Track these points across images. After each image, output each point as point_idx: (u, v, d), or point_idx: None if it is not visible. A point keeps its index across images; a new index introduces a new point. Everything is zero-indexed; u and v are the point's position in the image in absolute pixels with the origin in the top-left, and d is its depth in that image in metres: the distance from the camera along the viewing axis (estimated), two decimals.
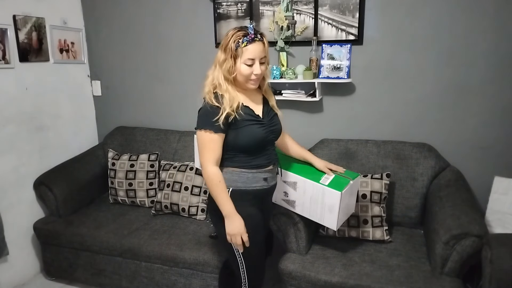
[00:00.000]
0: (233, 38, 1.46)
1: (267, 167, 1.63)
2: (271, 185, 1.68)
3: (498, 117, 2.19)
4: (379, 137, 2.40)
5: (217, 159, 1.52)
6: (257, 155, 1.59)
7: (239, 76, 1.51)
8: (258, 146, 1.57)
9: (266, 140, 1.60)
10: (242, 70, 1.49)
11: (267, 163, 1.62)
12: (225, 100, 1.48)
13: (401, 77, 2.33)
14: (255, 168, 1.59)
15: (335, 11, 2.34)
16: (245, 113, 1.54)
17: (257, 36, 1.47)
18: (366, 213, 2.07)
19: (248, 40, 1.45)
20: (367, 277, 1.76)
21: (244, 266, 1.61)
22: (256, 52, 1.47)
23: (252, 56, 1.47)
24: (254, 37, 1.46)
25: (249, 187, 1.58)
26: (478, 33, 2.14)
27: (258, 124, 1.57)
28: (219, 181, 1.52)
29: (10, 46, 2.34)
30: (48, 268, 2.51)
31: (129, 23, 2.85)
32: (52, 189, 2.44)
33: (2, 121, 2.34)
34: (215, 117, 1.46)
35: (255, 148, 1.57)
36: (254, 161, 1.58)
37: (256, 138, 1.55)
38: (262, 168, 1.61)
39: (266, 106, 1.66)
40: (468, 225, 1.67)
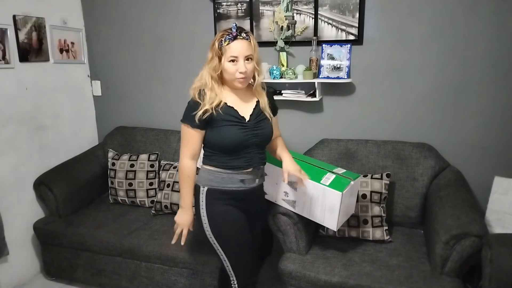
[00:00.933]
0: (218, 37, 1.51)
1: (245, 169, 1.60)
2: (251, 187, 1.64)
3: (498, 117, 2.19)
4: (379, 137, 2.40)
5: (193, 153, 1.58)
6: (235, 157, 1.58)
7: (225, 74, 1.54)
8: (236, 147, 1.56)
9: (246, 143, 1.57)
10: (226, 68, 1.51)
11: (246, 165, 1.60)
12: (206, 97, 1.52)
13: (401, 77, 2.33)
14: (231, 169, 1.58)
15: (335, 11, 2.34)
16: (226, 113, 1.54)
17: (240, 34, 1.50)
18: (366, 213, 2.07)
19: (230, 38, 1.49)
20: (367, 277, 1.76)
21: (229, 264, 1.61)
22: (239, 49, 1.49)
23: (235, 54, 1.49)
24: (236, 35, 1.49)
25: (224, 187, 1.59)
26: (478, 33, 2.14)
27: (238, 125, 1.56)
28: (188, 176, 1.58)
29: (10, 46, 2.34)
30: (48, 268, 2.51)
31: (129, 23, 2.85)
32: (52, 189, 2.44)
33: (2, 121, 2.34)
34: (193, 112, 1.52)
35: (232, 149, 1.56)
36: (232, 162, 1.58)
37: (233, 139, 1.54)
38: (240, 170, 1.59)
39: (258, 108, 1.64)
40: (468, 225, 1.67)
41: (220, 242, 1.60)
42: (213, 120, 1.54)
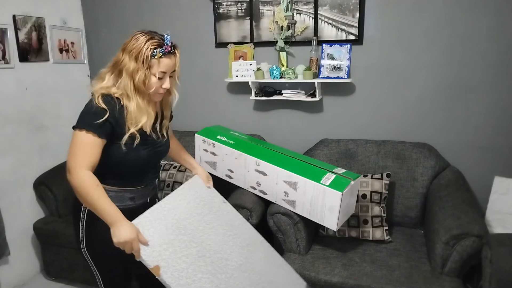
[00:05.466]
0: (147, 46, 1.30)
1: (137, 187, 1.48)
2: (138, 204, 1.49)
3: (498, 117, 2.19)
4: (379, 137, 2.40)
5: (92, 165, 1.29)
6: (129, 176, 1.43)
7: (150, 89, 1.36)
8: (135, 169, 1.42)
9: (146, 163, 1.45)
10: (154, 83, 1.34)
11: (138, 183, 1.48)
12: (130, 116, 1.33)
13: (401, 77, 2.33)
14: (120, 186, 1.42)
15: (335, 11, 2.34)
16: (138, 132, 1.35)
17: (171, 49, 1.35)
18: (366, 213, 2.07)
19: (164, 52, 1.32)
20: (367, 277, 1.76)
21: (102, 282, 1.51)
22: (168, 65, 1.35)
23: (165, 70, 1.35)
24: (170, 50, 1.34)
25: None
26: (478, 33, 2.14)
27: (143, 145, 1.39)
28: (97, 184, 1.27)
29: (10, 46, 2.34)
30: (48, 268, 2.51)
31: (129, 23, 2.85)
32: (52, 189, 2.45)
33: (2, 121, 2.34)
34: (99, 119, 1.28)
35: (129, 171, 1.41)
36: (124, 179, 1.42)
37: (136, 161, 1.39)
38: (130, 188, 1.45)
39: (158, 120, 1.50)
40: (468, 225, 1.67)
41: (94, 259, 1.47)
42: (115, 133, 1.33)
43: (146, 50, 1.29)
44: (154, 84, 1.35)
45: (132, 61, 1.31)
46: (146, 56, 1.30)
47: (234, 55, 2.59)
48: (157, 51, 1.31)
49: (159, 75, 1.34)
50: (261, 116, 2.68)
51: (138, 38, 1.32)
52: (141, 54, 1.30)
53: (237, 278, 1.39)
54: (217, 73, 2.69)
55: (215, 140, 2.14)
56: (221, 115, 2.76)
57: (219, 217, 1.61)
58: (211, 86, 2.74)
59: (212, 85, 2.73)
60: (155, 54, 1.31)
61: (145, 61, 1.30)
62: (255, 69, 2.44)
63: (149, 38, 1.31)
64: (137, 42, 1.31)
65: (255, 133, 2.65)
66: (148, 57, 1.30)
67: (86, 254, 1.48)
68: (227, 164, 2.11)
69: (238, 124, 2.71)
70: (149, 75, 1.32)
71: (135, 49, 1.31)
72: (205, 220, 1.53)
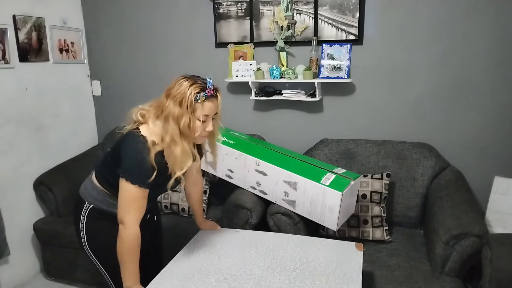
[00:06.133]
0: (190, 90, 1.31)
1: None
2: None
3: (498, 117, 2.19)
4: (379, 137, 2.40)
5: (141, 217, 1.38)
6: None
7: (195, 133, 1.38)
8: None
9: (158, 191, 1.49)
10: (196, 126, 1.36)
11: None
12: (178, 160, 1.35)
13: (401, 77, 2.33)
14: None
15: (335, 11, 2.34)
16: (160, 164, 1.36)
17: (214, 92, 1.36)
18: (366, 213, 2.07)
19: (206, 96, 1.33)
20: (367, 277, 1.76)
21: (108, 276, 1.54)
22: (212, 108, 1.36)
23: (208, 113, 1.36)
24: (212, 93, 1.35)
25: (109, 210, 1.46)
26: (478, 33, 2.14)
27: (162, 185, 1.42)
28: (138, 246, 1.36)
29: (10, 46, 2.34)
30: (48, 268, 2.51)
31: (129, 23, 2.85)
32: (52, 189, 2.44)
33: (2, 121, 2.34)
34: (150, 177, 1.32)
35: None
36: None
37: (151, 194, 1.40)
38: None
39: None
40: (468, 225, 1.67)
41: (98, 257, 1.52)
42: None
43: (190, 95, 1.31)
44: (198, 128, 1.36)
45: (177, 107, 1.32)
46: (190, 101, 1.31)
47: (234, 55, 2.59)
48: (200, 95, 1.32)
49: (202, 118, 1.35)
50: (261, 116, 2.68)
51: (181, 84, 1.33)
52: (185, 99, 1.31)
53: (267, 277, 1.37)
54: (217, 73, 2.68)
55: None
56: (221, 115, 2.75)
57: (234, 244, 1.60)
58: None
59: None
60: (198, 99, 1.32)
61: (189, 106, 1.31)
62: (255, 69, 2.44)
63: (193, 83, 1.33)
64: (181, 87, 1.33)
65: (255, 133, 2.65)
66: (192, 102, 1.31)
67: (89, 251, 1.52)
68: (227, 164, 2.11)
69: (238, 124, 2.70)
70: (193, 119, 1.34)
71: (179, 95, 1.32)
72: (219, 253, 1.53)
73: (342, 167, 2.02)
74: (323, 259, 1.46)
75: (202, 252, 1.54)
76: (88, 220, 1.48)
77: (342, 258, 1.46)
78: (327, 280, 1.32)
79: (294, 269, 1.41)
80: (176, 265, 1.45)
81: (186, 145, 1.36)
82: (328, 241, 1.60)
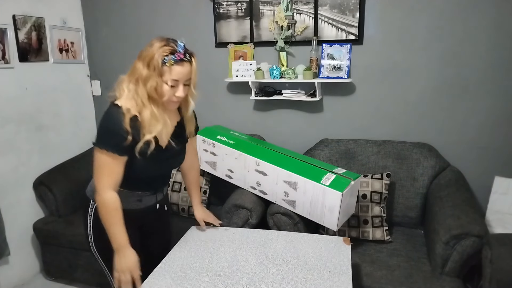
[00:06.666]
0: (159, 52, 1.26)
1: (145, 191, 1.49)
2: (148, 206, 1.52)
3: (498, 117, 2.19)
4: (379, 137, 2.40)
5: (116, 184, 1.34)
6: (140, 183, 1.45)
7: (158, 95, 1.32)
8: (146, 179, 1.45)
9: (157, 172, 1.46)
10: (162, 90, 1.30)
11: (146, 189, 1.50)
12: (146, 124, 1.30)
13: (401, 77, 2.33)
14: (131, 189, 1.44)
15: (335, 11, 2.34)
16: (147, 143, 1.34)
17: (186, 56, 1.29)
18: (366, 213, 2.07)
19: (175, 59, 1.27)
20: (367, 277, 1.76)
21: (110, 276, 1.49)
22: (181, 74, 1.29)
23: (177, 78, 1.29)
24: (182, 57, 1.28)
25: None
26: (478, 33, 2.13)
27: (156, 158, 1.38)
28: (116, 209, 1.33)
29: (9, 46, 2.34)
30: (48, 268, 2.51)
31: (129, 23, 2.85)
32: (52, 189, 2.44)
33: (2, 121, 2.34)
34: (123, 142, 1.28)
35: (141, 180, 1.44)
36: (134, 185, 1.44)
37: (147, 173, 1.40)
38: (138, 191, 1.48)
39: (178, 131, 1.49)
40: (468, 225, 1.67)
41: (104, 257, 1.49)
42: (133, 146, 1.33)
43: (158, 57, 1.26)
44: (165, 91, 1.30)
45: (145, 68, 1.28)
46: (157, 63, 1.26)
47: (234, 55, 2.59)
48: (168, 58, 1.27)
49: (171, 83, 1.30)
50: (261, 116, 2.67)
51: (152, 44, 1.30)
52: (152, 61, 1.27)
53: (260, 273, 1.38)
54: (217, 73, 2.69)
55: (215, 140, 2.14)
56: (221, 115, 2.76)
57: (224, 241, 1.61)
58: (211, 86, 2.74)
59: (212, 85, 2.73)
60: (166, 61, 1.27)
61: (156, 69, 1.27)
62: (255, 69, 2.44)
63: (163, 45, 1.28)
64: (151, 48, 1.29)
65: (255, 133, 2.65)
66: (159, 64, 1.26)
67: (95, 251, 1.51)
68: (227, 164, 2.11)
69: (238, 124, 2.71)
70: (161, 82, 1.29)
71: (148, 56, 1.28)
72: (210, 251, 1.53)
73: (342, 167, 2.02)
74: (313, 254, 1.49)
75: (194, 251, 1.54)
76: (95, 218, 1.44)
77: (331, 252, 1.49)
78: (318, 274, 1.35)
79: (286, 265, 1.42)
80: (168, 264, 1.45)
81: (155, 109, 1.31)
82: (317, 236, 1.62)
